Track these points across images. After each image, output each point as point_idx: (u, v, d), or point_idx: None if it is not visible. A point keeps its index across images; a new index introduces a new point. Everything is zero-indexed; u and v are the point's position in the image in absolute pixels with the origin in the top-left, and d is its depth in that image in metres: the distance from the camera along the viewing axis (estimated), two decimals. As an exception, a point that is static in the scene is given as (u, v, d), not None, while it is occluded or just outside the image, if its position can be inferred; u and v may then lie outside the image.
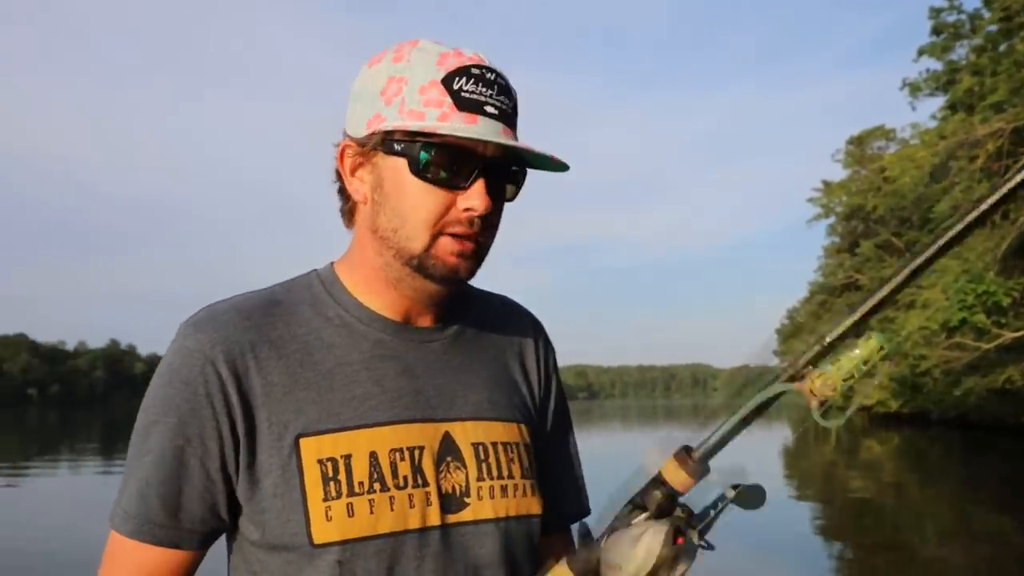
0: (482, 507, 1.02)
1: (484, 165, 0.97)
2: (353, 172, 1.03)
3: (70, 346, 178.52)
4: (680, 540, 0.81)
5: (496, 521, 1.03)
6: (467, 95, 0.95)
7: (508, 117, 0.98)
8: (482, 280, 1.07)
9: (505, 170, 1.00)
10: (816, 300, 56.51)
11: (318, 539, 0.94)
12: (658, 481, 0.89)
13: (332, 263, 1.10)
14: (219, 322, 0.99)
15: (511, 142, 0.96)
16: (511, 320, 1.19)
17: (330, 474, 0.96)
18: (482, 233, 0.99)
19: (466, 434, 1.04)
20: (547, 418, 1.18)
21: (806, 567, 8.09)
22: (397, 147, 0.97)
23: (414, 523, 0.98)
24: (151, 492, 0.97)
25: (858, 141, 52.57)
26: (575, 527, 1.00)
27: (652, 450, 0.88)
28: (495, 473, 1.04)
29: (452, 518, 1.00)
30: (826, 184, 54.02)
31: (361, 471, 0.96)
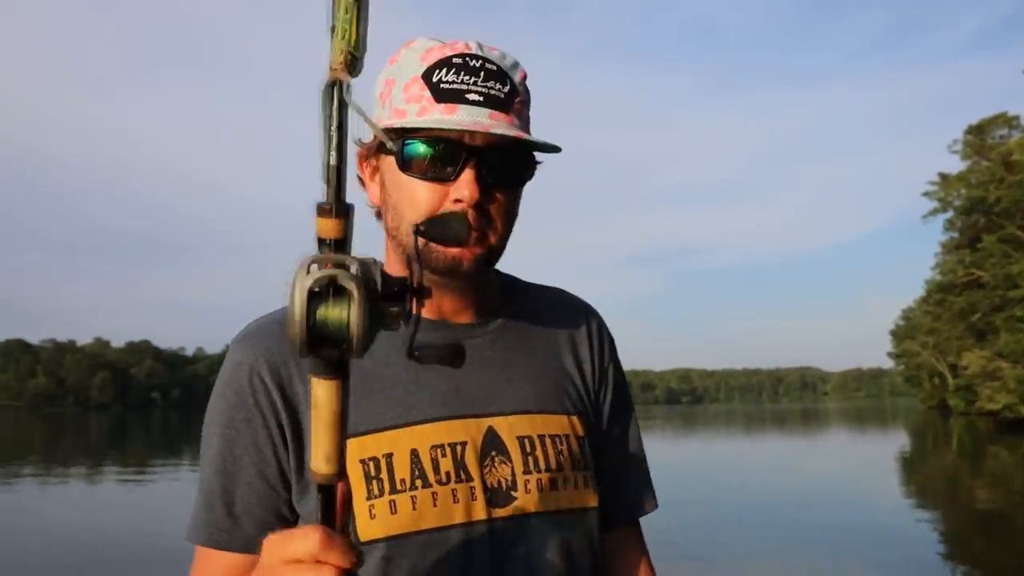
0: (530, 500, 1.01)
1: (470, 155, 0.95)
2: (372, 178, 1.06)
3: (189, 352, 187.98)
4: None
5: (546, 514, 1.02)
6: (446, 86, 0.96)
7: (498, 102, 0.96)
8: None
9: (502, 156, 0.97)
10: (934, 299, 53.76)
11: (364, 536, 0.95)
12: None
13: None
14: (262, 334, 1.02)
15: (484, 128, 0.93)
16: (563, 312, 1.17)
17: (372, 473, 0.97)
18: (486, 223, 0.98)
19: (511, 428, 1.03)
20: (603, 409, 1.16)
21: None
22: (387, 147, 0.99)
23: (459, 517, 0.98)
24: (215, 499, 1.00)
25: (978, 130, 49.61)
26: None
27: None
28: (543, 466, 1.03)
29: (499, 512, 1.00)
30: (943, 177, 51.41)
31: (402, 469, 0.97)
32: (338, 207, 0.61)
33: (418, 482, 0.97)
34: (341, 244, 0.61)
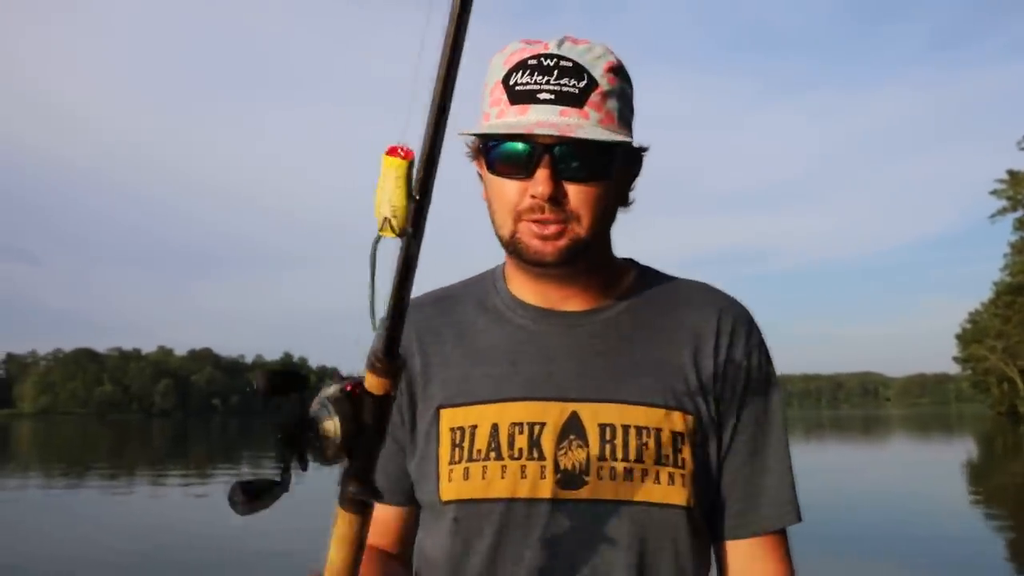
0: (602, 487, 1.02)
1: (543, 152, 0.99)
2: (481, 175, 1.12)
3: (248, 359, 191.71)
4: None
5: (616, 503, 1.02)
6: (520, 88, 1.00)
7: (571, 97, 0.99)
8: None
9: (577, 150, 1.00)
10: (1003, 301, 51.98)
11: (442, 497, 1.06)
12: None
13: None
14: None
15: (543, 128, 0.96)
16: (697, 306, 1.13)
17: (457, 441, 1.06)
18: (568, 217, 1.01)
19: (595, 415, 1.04)
20: (724, 411, 1.10)
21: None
22: (480, 148, 1.07)
23: (523, 492, 1.03)
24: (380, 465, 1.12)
25: (1048, 126, 47.83)
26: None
27: None
28: (620, 455, 1.03)
29: (568, 494, 1.02)
30: (1012, 175, 49.62)
31: (481, 440, 1.05)
32: (390, 365, 0.73)
33: (492, 454, 1.04)
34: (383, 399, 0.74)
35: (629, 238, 1.16)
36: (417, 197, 0.68)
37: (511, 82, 1.00)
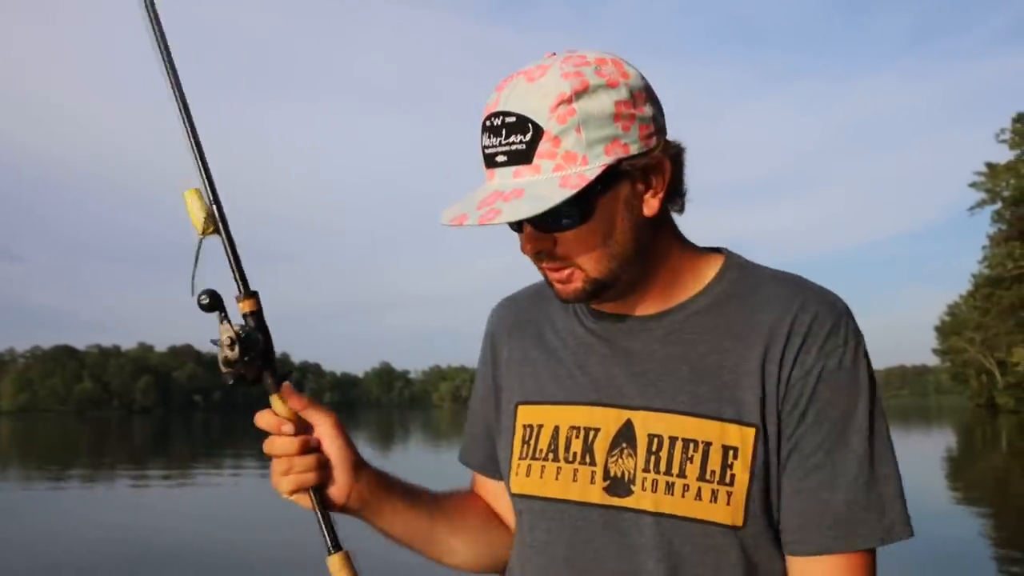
0: (643, 498, 1.02)
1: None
2: None
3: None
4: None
5: (655, 516, 1.01)
6: (487, 151, 1.00)
7: (520, 155, 0.97)
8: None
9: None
10: (982, 294, 52.45)
11: (513, 489, 1.12)
12: None
13: None
14: (499, 305, 1.27)
15: (465, 221, 0.97)
16: (772, 305, 1.04)
17: (526, 438, 1.12)
18: (569, 264, 1.02)
19: (647, 424, 1.04)
20: (790, 422, 1.00)
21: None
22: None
23: (573, 495, 1.06)
24: (467, 428, 1.30)
25: (1027, 118, 48.30)
26: None
27: None
28: (663, 468, 1.01)
29: (615, 501, 1.03)
30: (990, 167, 49.99)
31: (544, 440, 1.09)
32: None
33: (550, 455, 1.08)
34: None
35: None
36: (213, 205, 1.09)
37: (482, 144, 1.01)
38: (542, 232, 1.00)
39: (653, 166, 1.01)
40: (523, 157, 0.96)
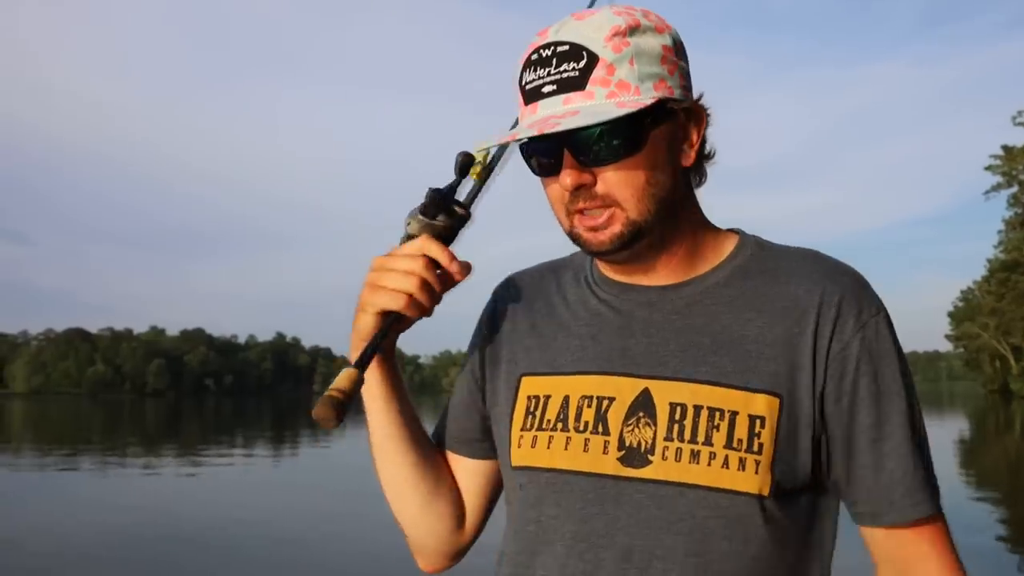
0: (666, 468, 0.98)
1: (560, 144, 0.99)
2: None
3: (241, 339, 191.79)
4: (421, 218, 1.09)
5: (679, 486, 0.98)
6: (528, 86, 1.00)
7: (573, 81, 0.97)
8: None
9: (596, 133, 0.97)
10: (997, 278, 51.98)
11: (513, 462, 1.08)
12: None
13: None
14: (505, 282, 1.23)
15: (540, 125, 0.96)
16: (797, 279, 1.04)
17: (531, 408, 1.08)
18: (611, 202, 0.99)
19: (666, 393, 1.01)
20: (829, 396, 1.00)
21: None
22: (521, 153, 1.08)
23: (584, 466, 1.01)
24: (446, 405, 1.24)
25: (1044, 102, 47.49)
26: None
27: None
28: (687, 436, 0.98)
29: (630, 472, 0.99)
30: (1007, 150, 49.34)
31: (552, 410, 1.05)
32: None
33: (559, 424, 1.04)
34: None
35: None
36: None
37: (523, 82, 1.01)
38: (584, 166, 0.99)
39: (695, 115, 1.04)
40: (575, 84, 0.97)
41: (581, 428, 1.03)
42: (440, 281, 1.05)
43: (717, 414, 0.98)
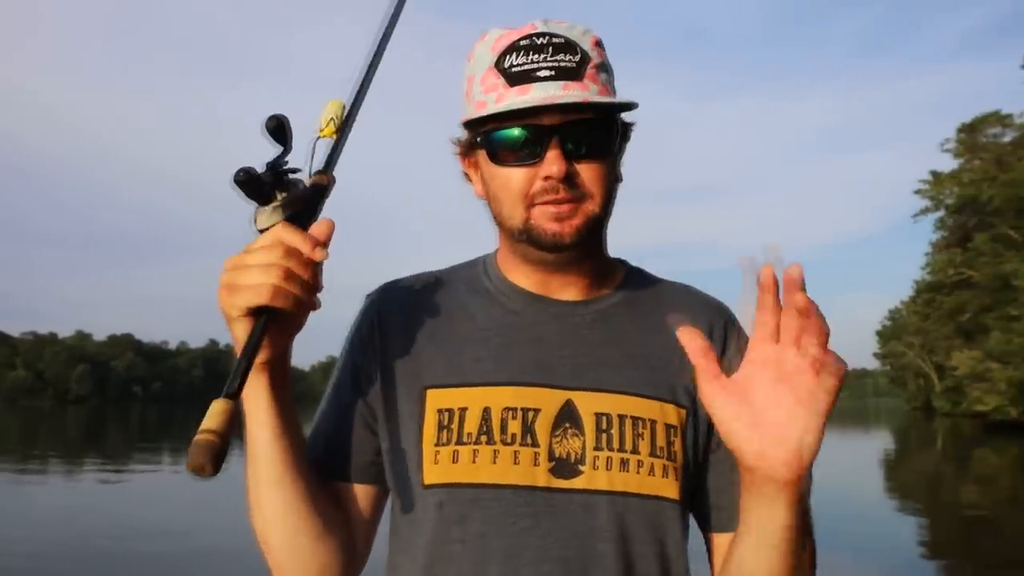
0: (596, 477, 1.00)
1: (552, 132, 0.98)
2: (475, 171, 1.10)
3: (172, 345, 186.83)
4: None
5: (610, 494, 1.00)
6: (516, 69, 0.99)
7: (570, 72, 0.99)
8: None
9: (584, 127, 1.00)
10: (923, 299, 53.88)
11: (427, 480, 1.02)
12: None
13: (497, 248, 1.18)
14: (384, 288, 1.16)
15: (555, 100, 0.96)
16: (689, 305, 1.14)
17: (445, 423, 1.03)
18: (581, 196, 1.01)
19: (589, 403, 1.03)
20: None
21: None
22: (478, 140, 1.04)
23: (515, 479, 1.00)
24: (318, 428, 1.12)
25: (970, 128, 49.46)
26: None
27: None
28: (615, 445, 1.01)
29: (562, 483, 1.00)
30: (935, 175, 51.29)
31: (472, 423, 1.02)
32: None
33: (483, 438, 1.01)
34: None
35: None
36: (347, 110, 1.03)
37: (506, 64, 1.00)
38: (573, 158, 1.00)
39: (628, 137, 1.09)
40: (574, 74, 0.99)
41: (508, 441, 1.01)
42: (309, 267, 0.91)
43: (640, 423, 1.02)
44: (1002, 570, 8.22)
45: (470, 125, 1.05)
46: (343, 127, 1.01)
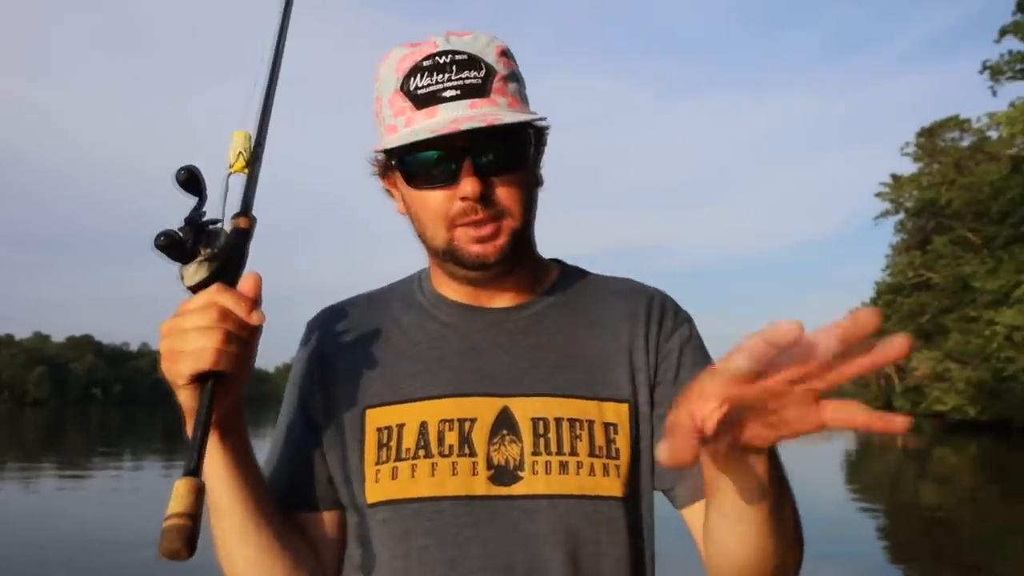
0: (537, 482, 1.00)
1: (463, 153, 0.98)
2: (395, 188, 1.09)
3: (133, 347, 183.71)
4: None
5: (551, 498, 1.00)
6: (422, 91, 0.99)
7: (476, 89, 0.99)
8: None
9: (496, 142, 0.99)
10: (883, 300, 54.63)
11: (370, 499, 1.03)
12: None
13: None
14: (322, 315, 1.16)
15: (463, 120, 0.96)
16: (624, 299, 1.14)
17: (383, 441, 1.04)
18: (500, 214, 1.01)
19: (526, 409, 1.03)
20: (663, 391, 1.08)
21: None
22: (393, 163, 1.05)
23: (455, 490, 1.00)
24: (276, 464, 1.10)
25: (929, 133, 50.27)
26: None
27: None
28: (554, 449, 1.01)
29: (502, 490, 1.00)
30: (895, 178, 52.10)
31: (410, 439, 1.03)
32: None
33: (420, 452, 1.02)
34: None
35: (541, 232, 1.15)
36: (253, 144, 1.00)
37: (411, 87, 0.99)
38: (487, 175, 0.99)
39: (544, 142, 1.08)
40: (480, 91, 0.99)
41: (446, 452, 1.01)
42: (247, 327, 0.90)
43: (577, 424, 1.03)
44: (960, 566, 8.38)
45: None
46: (253, 159, 0.99)
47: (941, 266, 42.63)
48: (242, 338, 0.90)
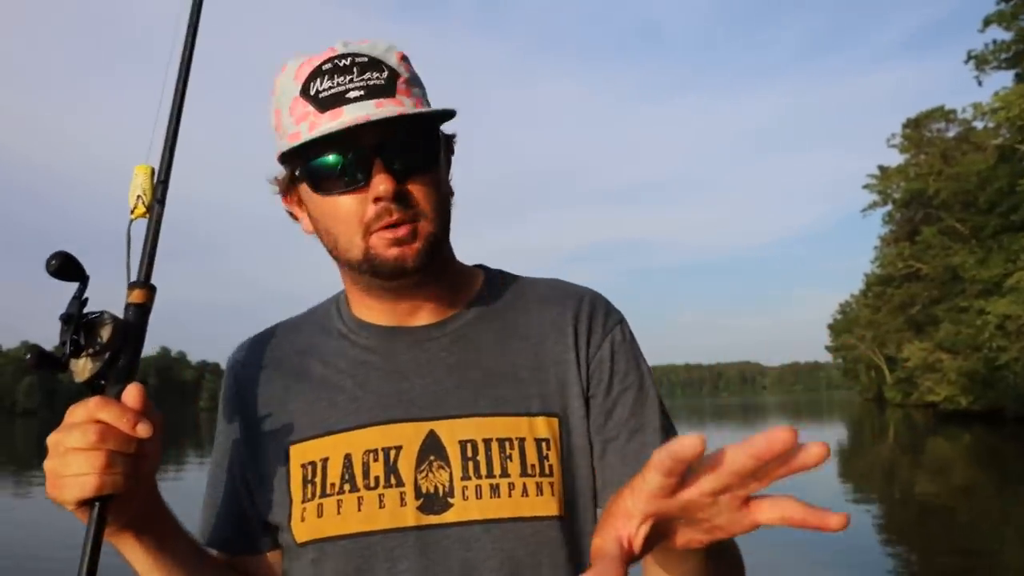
0: (468, 508, 0.97)
1: (374, 152, 0.95)
2: (300, 208, 1.05)
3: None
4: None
5: (484, 523, 0.96)
6: (324, 94, 0.95)
7: (380, 89, 0.96)
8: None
9: (406, 142, 0.97)
10: (873, 292, 54.95)
11: (298, 539, 0.99)
12: None
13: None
14: (241, 348, 1.12)
15: (373, 116, 0.93)
16: (552, 303, 1.09)
17: (308, 477, 1.00)
18: (416, 215, 0.97)
19: (453, 432, 0.99)
20: (597, 399, 1.04)
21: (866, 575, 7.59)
22: (298, 173, 1.00)
23: (384, 523, 0.96)
24: (210, 508, 1.08)
25: (915, 124, 50.50)
26: None
27: None
28: (484, 472, 0.97)
29: (433, 519, 0.96)
30: (882, 170, 52.28)
31: (334, 473, 0.99)
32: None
33: (346, 486, 0.98)
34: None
35: (517, 232, 1.09)
36: (160, 185, 0.96)
37: (312, 91, 0.96)
38: (400, 175, 0.96)
39: (452, 150, 1.07)
40: (385, 91, 0.96)
41: (372, 485, 0.97)
42: (133, 442, 0.85)
43: (507, 444, 0.98)
44: (955, 553, 8.39)
45: (286, 158, 0.99)
46: (158, 202, 0.94)
47: (930, 256, 42.80)
48: (129, 455, 0.85)
